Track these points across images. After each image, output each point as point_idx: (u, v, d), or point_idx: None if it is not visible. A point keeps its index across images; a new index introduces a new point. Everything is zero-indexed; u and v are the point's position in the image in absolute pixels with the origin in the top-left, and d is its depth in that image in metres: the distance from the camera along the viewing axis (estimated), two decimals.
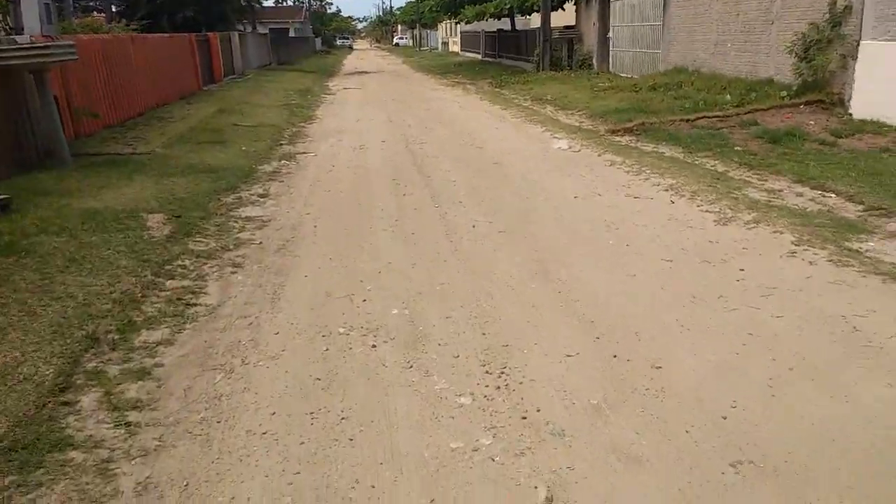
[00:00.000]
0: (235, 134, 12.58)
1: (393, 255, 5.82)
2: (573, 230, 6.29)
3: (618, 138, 11.30)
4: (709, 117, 12.16)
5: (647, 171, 8.61)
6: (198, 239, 6.39)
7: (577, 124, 13.04)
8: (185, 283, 5.34)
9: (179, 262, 5.73)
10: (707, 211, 6.83)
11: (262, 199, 8.01)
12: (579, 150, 10.38)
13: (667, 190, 7.68)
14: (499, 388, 3.56)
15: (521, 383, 3.60)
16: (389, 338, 4.26)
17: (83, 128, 11.41)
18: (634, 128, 11.76)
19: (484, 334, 4.22)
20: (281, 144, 11.97)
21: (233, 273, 5.56)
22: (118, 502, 2.81)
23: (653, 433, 3.13)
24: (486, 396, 3.49)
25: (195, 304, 4.93)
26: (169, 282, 5.33)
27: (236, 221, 7.03)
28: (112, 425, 3.39)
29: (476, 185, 8.27)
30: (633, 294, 4.79)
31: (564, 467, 2.89)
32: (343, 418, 3.39)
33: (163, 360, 4.10)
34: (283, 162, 10.35)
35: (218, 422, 3.43)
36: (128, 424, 3.39)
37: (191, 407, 3.57)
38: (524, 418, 3.27)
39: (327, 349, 4.16)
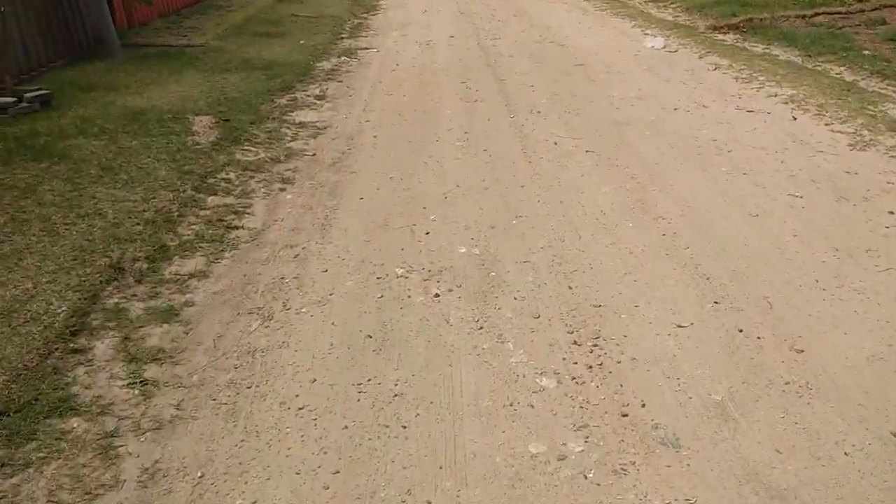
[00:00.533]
0: (294, 25, 11.64)
1: (461, 176, 5.01)
2: (676, 151, 5.30)
3: (720, 36, 9.82)
4: (828, 13, 10.44)
5: (761, 78, 7.33)
6: (246, 147, 5.73)
7: (672, 19, 11.47)
8: (229, 200, 4.73)
9: (224, 175, 5.11)
10: (839, 131, 5.67)
11: (318, 102, 7.22)
12: (676, 51, 9.04)
13: (786, 102, 6.47)
14: (590, 367, 2.83)
15: (618, 363, 2.86)
16: (456, 285, 3.56)
17: (136, 16, 10.71)
18: (740, 24, 10.19)
19: (570, 288, 3.46)
20: (341, 38, 11.00)
21: (281, 190, 4.90)
22: (116, 496, 2.29)
23: (800, 453, 2.36)
24: (574, 379, 2.78)
25: (237, 228, 4.34)
26: (210, 198, 4.73)
27: (289, 127, 6.31)
28: (125, 383, 2.86)
29: (557, 91, 7.23)
30: (758, 242, 3.88)
31: (682, 498, 2.18)
32: (396, 395, 2.76)
33: (194, 297, 3.55)
34: (342, 58, 9.44)
35: (248, 387, 2.85)
36: (143, 383, 2.86)
37: (219, 363, 3.01)
38: (625, 416, 2.56)
39: (382, 296, 3.50)
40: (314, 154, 5.62)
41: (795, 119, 6.02)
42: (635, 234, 4.02)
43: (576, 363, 2.87)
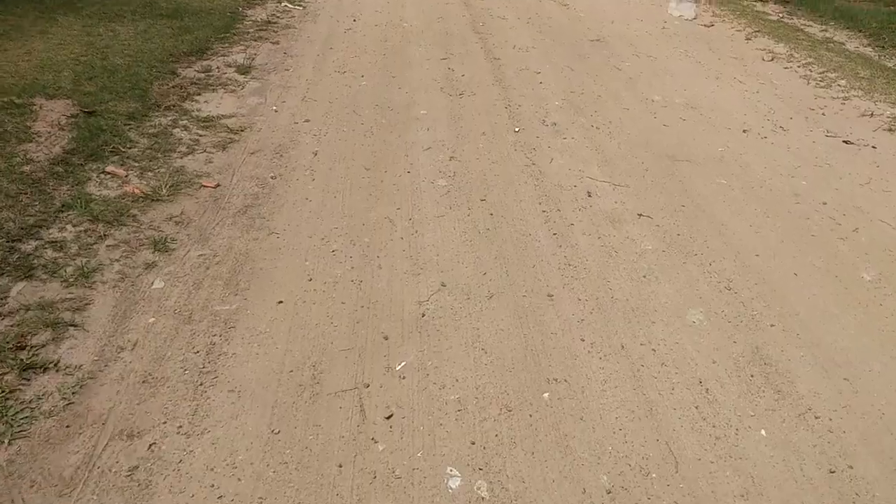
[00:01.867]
0: None
1: (448, 260, 3.12)
2: (780, 229, 3.49)
3: (759, 6, 7.91)
4: None
5: (841, 83, 5.54)
6: (110, 170, 3.67)
7: None
8: (49, 293, 2.76)
9: (55, 234, 3.10)
10: None
11: (239, 79, 5.11)
12: (712, 25, 7.12)
13: (892, 129, 4.71)
14: None
15: None
16: None
17: None
18: None
19: None
20: None
21: (148, 269, 2.95)
22: None
23: None
24: None
25: (43, 369, 2.41)
26: (16, 288, 2.75)
27: (186, 128, 4.24)
28: None
29: (574, 85, 5.28)
30: None
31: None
32: None
33: None
34: (283, 4, 7.20)
35: None
36: None
37: None
38: None
39: None
40: (216, 186, 3.62)
41: None
42: (759, 409, 2.25)
43: None
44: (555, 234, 3.28)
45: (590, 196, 3.61)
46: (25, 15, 5.84)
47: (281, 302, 2.77)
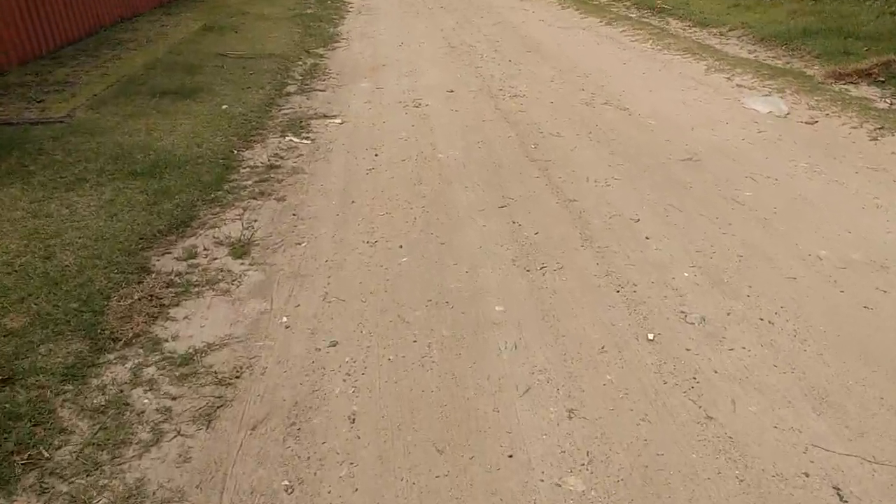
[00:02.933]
0: (219, 73, 8.05)
1: None
2: None
3: (853, 90, 6.60)
4: None
5: None
6: None
7: (751, 57, 8.24)
8: None
9: None
10: None
11: (233, 269, 3.70)
12: (815, 122, 5.76)
13: None
14: None
15: None
16: None
17: None
18: (874, 70, 7.00)
19: None
20: (286, 94, 7.46)
21: None
22: None
23: None
24: None
25: None
26: None
27: (152, 385, 2.78)
28: None
29: (695, 241, 3.84)
30: None
31: None
32: None
33: None
34: (286, 139, 5.91)
35: None
36: None
37: None
38: None
39: None
40: None
41: None
42: None
43: None
44: None
45: None
46: None
47: None
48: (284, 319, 3.23)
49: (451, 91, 7.29)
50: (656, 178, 4.64)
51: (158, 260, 3.81)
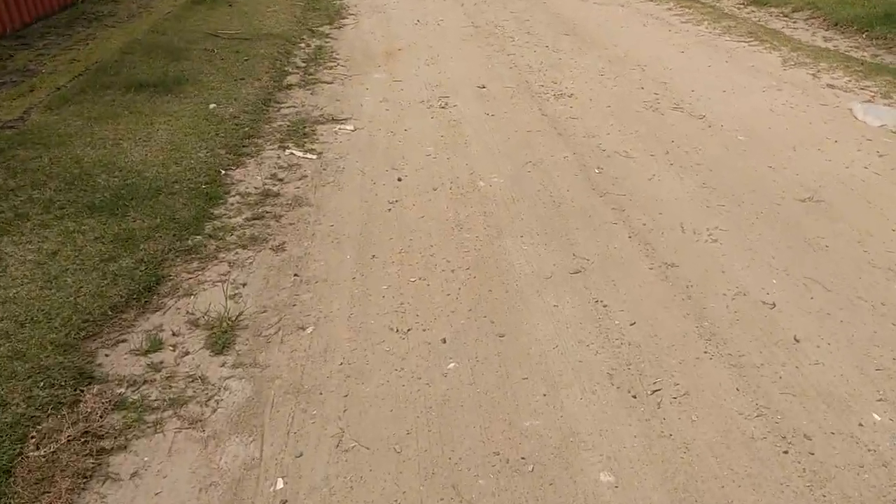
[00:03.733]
0: (208, 59, 6.86)
1: None
2: None
3: None
4: None
5: None
6: None
7: (831, 47, 7.03)
8: None
9: None
10: None
11: (210, 378, 2.65)
12: None
13: None
14: None
15: None
16: None
17: None
18: None
19: None
20: (287, 86, 6.29)
21: None
22: None
23: None
24: None
25: None
26: None
27: None
28: None
29: (866, 349, 2.74)
30: None
31: None
32: None
33: None
34: (286, 152, 4.79)
35: None
36: None
37: None
38: None
39: None
40: None
41: None
42: None
43: None
44: None
45: None
46: None
47: None
48: (280, 485, 2.15)
49: (483, 87, 6.11)
50: (775, 230, 3.51)
51: (107, 356, 2.74)
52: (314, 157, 4.78)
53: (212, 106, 5.58)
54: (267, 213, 3.96)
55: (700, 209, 3.74)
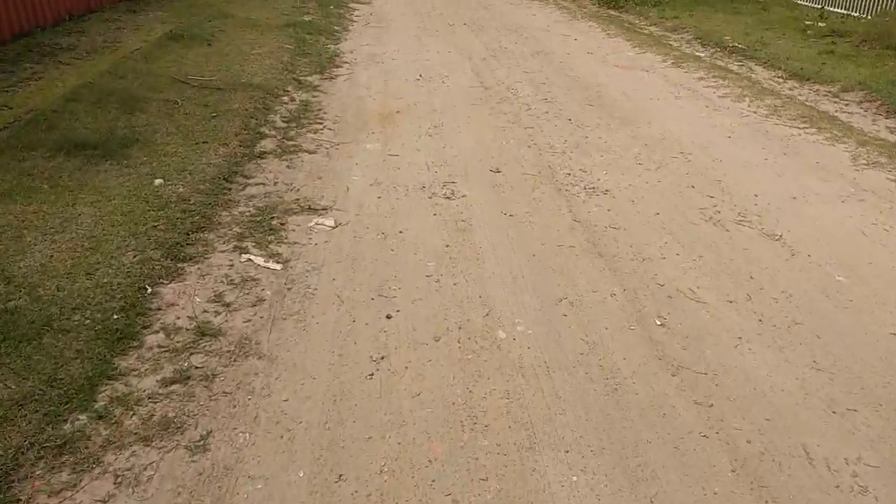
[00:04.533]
0: (169, 113, 5.72)
1: None
2: None
3: None
4: None
5: None
6: None
7: (810, 105, 6.01)
8: None
9: None
10: None
11: None
12: None
13: None
14: None
15: None
16: None
17: None
18: None
19: None
20: (260, 154, 5.15)
21: None
22: None
23: None
24: None
25: None
26: None
27: None
28: None
29: None
30: None
31: None
32: None
33: None
34: (245, 258, 3.60)
35: None
36: None
37: None
38: None
39: None
40: None
41: None
42: None
43: None
44: None
45: None
46: None
47: None
48: None
49: (498, 171, 5.01)
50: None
51: None
52: (278, 267, 3.61)
53: (157, 182, 4.41)
54: (195, 370, 2.76)
55: (828, 422, 2.58)
